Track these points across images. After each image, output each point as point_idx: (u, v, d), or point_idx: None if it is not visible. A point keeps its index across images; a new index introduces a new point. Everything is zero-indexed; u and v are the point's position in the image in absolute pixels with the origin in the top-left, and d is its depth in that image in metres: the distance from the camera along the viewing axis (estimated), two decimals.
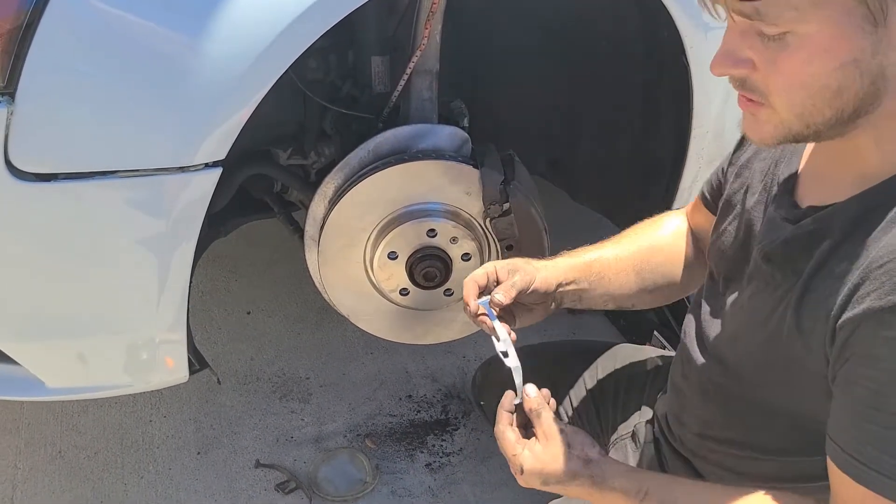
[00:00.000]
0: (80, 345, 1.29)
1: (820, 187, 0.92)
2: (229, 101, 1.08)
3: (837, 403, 0.84)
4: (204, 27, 1.03)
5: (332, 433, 1.96)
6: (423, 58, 1.43)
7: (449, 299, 1.58)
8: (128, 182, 1.10)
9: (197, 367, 1.42)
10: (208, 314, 2.28)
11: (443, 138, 1.46)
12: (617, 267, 1.29)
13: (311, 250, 1.54)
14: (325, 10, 1.08)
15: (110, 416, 1.95)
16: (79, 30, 1.02)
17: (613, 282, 1.29)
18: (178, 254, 1.20)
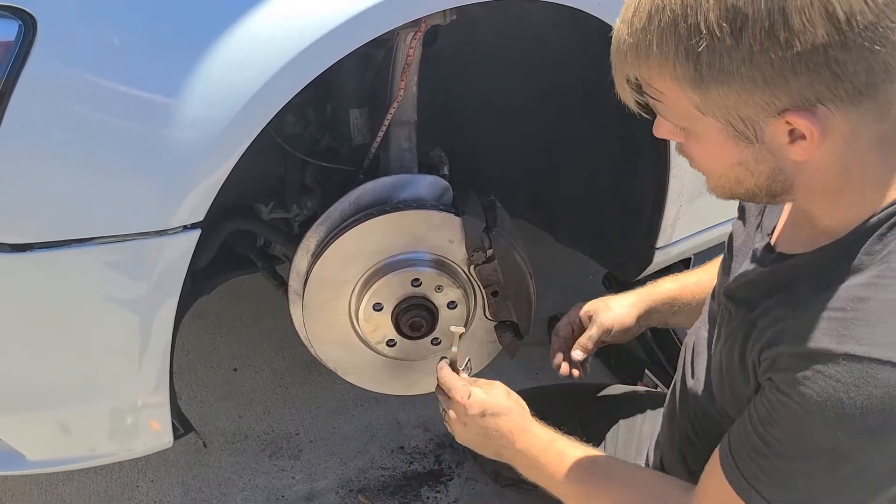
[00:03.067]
0: (60, 415, 1.27)
1: (793, 237, 0.97)
2: (206, 162, 1.07)
3: (746, 414, 0.93)
4: (178, 89, 1.03)
5: (323, 490, 1.92)
6: (400, 109, 1.44)
7: (436, 348, 1.56)
8: (105, 248, 1.08)
9: (182, 432, 1.39)
10: (194, 372, 2.25)
11: (423, 187, 1.46)
12: (696, 291, 1.36)
13: (296, 304, 1.52)
14: (301, 67, 1.09)
15: (95, 484, 1.90)
16: (53, 96, 1.02)
17: (694, 308, 1.33)
18: (159, 317, 1.18)
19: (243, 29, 1.04)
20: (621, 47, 0.84)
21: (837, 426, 0.81)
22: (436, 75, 1.56)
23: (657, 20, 0.78)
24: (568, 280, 2.47)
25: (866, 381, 0.79)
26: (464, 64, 1.71)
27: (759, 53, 0.75)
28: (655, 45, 0.79)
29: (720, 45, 0.75)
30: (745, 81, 0.77)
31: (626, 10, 0.83)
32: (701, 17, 0.75)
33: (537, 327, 2.10)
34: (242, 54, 1.04)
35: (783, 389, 0.85)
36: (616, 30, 0.85)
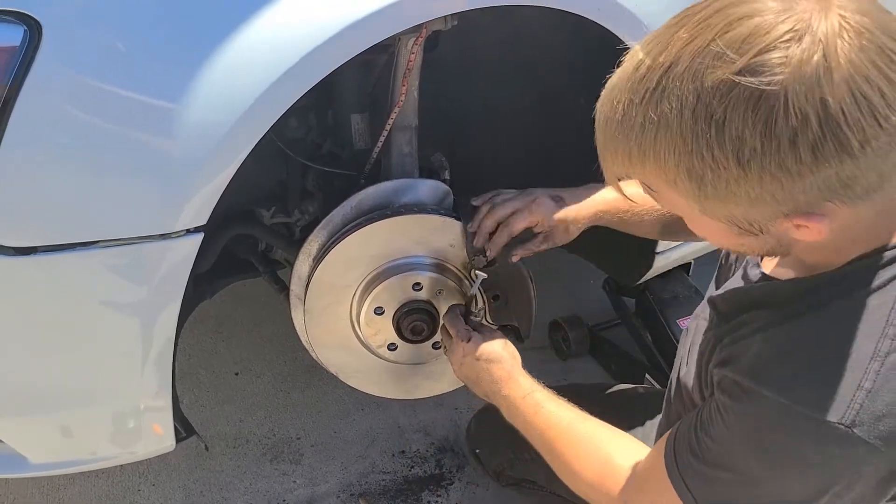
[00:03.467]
0: (63, 418, 1.27)
1: (781, 261, 1.00)
2: (209, 166, 1.08)
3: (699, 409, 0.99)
4: (181, 94, 1.03)
5: (324, 494, 1.92)
6: (401, 114, 1.44)
7: (438, 352, 1.57)
8: (109, 252, 1.09)
9: (184, 435, 1.39)
10: (195, 377, 2.25)
11: (424, 192, 1.47)
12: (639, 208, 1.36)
13: (297, 309, 1.53)
14: (303, 72, 1.09)
15: (97, 487, 1.91)
16: (57, 101, 1.02)
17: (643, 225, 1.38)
18: (162, 320, 1.19)
19: (245, 34, 1.05)
20: (610, 147, 0.81)
21: (754, 456, 0.88)
22: (437, 80, 1.57)
23: (653, 134, 0.75)
24: (569, 284, 2.47)
25: (785, 425, 0.84)
26: (465, 69, 1.72)
27: (768, 181, 0.73)
28: (653, 157, 0.77)
29: (726, 173, 0.74)
30: (753, 200, 0.76)
31: (611, 107, 0.80)
32: (703, 144, 0.73)
33: (538, 331, 2.11)
34: (245, 60, 1.05)
35: (721, 409, 0.92)
36: (602, 122, 0.82)
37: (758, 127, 0.70)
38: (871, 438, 0.80)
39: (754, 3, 0.72)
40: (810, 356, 0.85)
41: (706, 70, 0.71)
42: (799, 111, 0.69)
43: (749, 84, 0.70)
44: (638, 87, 0.76)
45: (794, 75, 0.69)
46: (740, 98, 0.70)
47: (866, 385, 0.81)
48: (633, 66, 0.78)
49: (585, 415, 1.20)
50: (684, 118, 0.73)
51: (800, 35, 0.70)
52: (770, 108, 0.69)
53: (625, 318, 2.24)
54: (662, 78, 0.74)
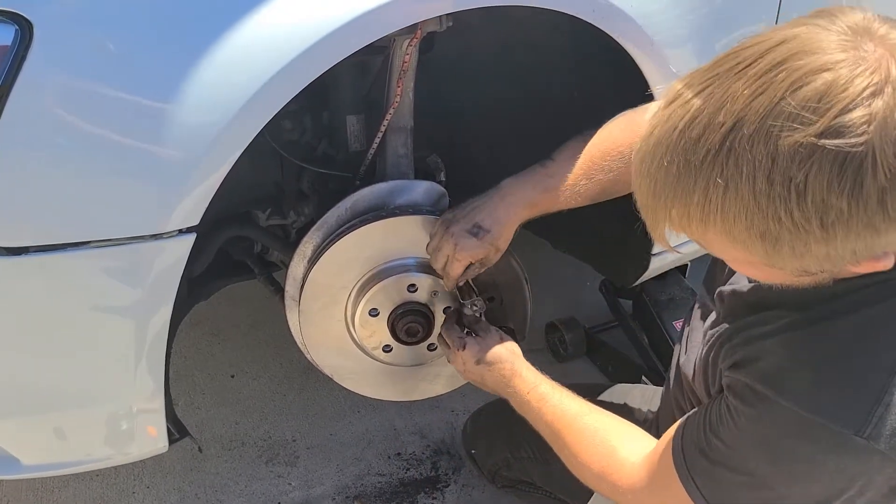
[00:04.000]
0: (55, 419, 1.26)
1: None
2: (201, 166, 1.07)
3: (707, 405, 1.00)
4: (174, 94, 1.03)
5: (320, 496, 1.92)
6: (396, 115, 1.44)
7: (433, 354, 1.56)
8: (100, 252, 1.08)
9: (177, 437, 1.39)
10: (191, 379, 2.25)
11: (420, 193, 1.47)
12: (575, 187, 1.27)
13: (292, 310, 1.52)
14: (297, 72, 1.09)
15: (91, 490, 1.90)
16: (49, 101, 1.02)
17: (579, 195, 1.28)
18: (155, 321, 1.18)
19: (238, 34, 1.04)
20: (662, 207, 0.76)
21: (767, 461, 0.88)
22: (433, 82, 1.56)
23: (719, 198, 0.70)
24: (565, 286, 2.47)
25: (802, 434, 0.84)
26: (460, 70, 1.72)
27: (853, 239, 0.70)
28: (720, 221, 0.72)
29: (806, 235, 0.69)
30: (832, 256, 0.72)
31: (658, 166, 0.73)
32: (781, 208, 0.68)
33: (534, 333, 2.10)
34: (237, 59, 1.05)
35: (732, 412, 0.92)
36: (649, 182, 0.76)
37: (845, 189, 0.66)
38: (887, 449, 0.81)
39: (819, 54, 0.67)
40: (830, 367, 0.84)
41: (781, 132, 0.66)
42: (888, 169, 0.66)
43: (833, 147, 0.65)
44: (695, 147, 0.71)
45: (880, 132, 0.65)
46: (824, 161, 0.66)
47: (885, 399, 0.81)
48: (685, 122, 0.71)
49: (592, 405, 1.20)
50: (758, 183, 0.68)
51: (879, 88, 0.66)
52: (857, 170, 0.66)
53: (621, 320, 2.23)
54: (727, 139, 0.69)
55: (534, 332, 1.59)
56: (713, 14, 1.41)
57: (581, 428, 1.17)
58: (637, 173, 0.78)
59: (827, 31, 0.69)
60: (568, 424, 1.18)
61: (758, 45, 0.71)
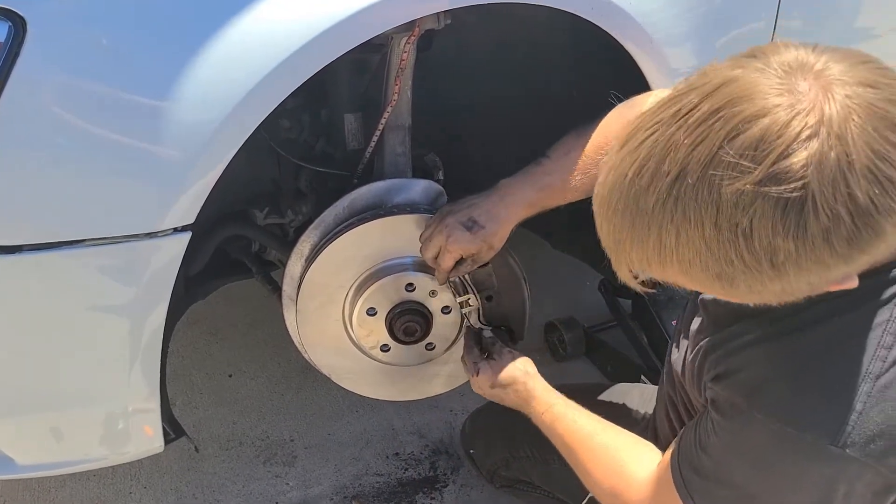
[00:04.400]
0: (50, 419, 1.26)
1: None
2: (197, 164, 1.07)
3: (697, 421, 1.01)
4: (169, 91, 1.02)
5: (318, 496, 1.91)
6: (394, 113, 1.43)
7: (431, 353, 1.56)
8: (95, 250, 1.08)
9: (173, 437, 1.38)
10: (188, 379, 2.24)
11: (417, 192, 1.46)
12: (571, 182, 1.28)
13: (290, 309, 1.52)
14: (293, 69, 1.08)
15: (88, 490, 1.89)
16: (43, 98, 1.01)
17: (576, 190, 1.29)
18: (150, 321, 1.18)
19: (234, 31, 1.03)
20: (623, 252, 0.78)
21: (750, 473, 0.90)
22: (431, 80, 1.56)
23: (672, 243, 0.72)
24: (564, 286, 2.46)
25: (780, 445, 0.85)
26: (458, 68, 1.71)
27: (805, 275, 0.71)
28: (676, 264, 0.74)
29: (759, 275, 0.71)
30: (785, 290, 0.74)
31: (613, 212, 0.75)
32: (732, 252, 0.70)
33: (534, 333, 2.10)
34: (234, 55, 1.04)
35: (715, 426, 0.94)
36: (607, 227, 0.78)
37: (789, 232, 0.67)
38: (863, 457, 0.82)
39: (755, 100, 0.68)
40: (803, 378, 0.86)
41: (722, 181, 0.67)
42: (830, 211, 0.66)
43: (773, 194, 0.66)
44: (646, 195, 0.72)
45: (818, 175, 0.66)
46: (766, 207, 0.67)
47: (858, 407, 0.81)
48: (634, 170, 0.73)
49: (605, 423, 1.22)
50: (706, 229, 0.70)
51: (815, 130, 0.66)
52: (799, 213, 0.67)
53: (620, 320, 2.22)
54: (673, 188, 0.70)
55: (533, 331, 1.58)
56: (712, 13, 1.41)
57: (594, 446, 1.19)
58: (597, 216, 0.81)
59: (762, 73, 0.70)
60: (581, 442, 1.21)
61: (697, 90, 0.71)
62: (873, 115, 0.67)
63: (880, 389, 0.81)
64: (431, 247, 1.35)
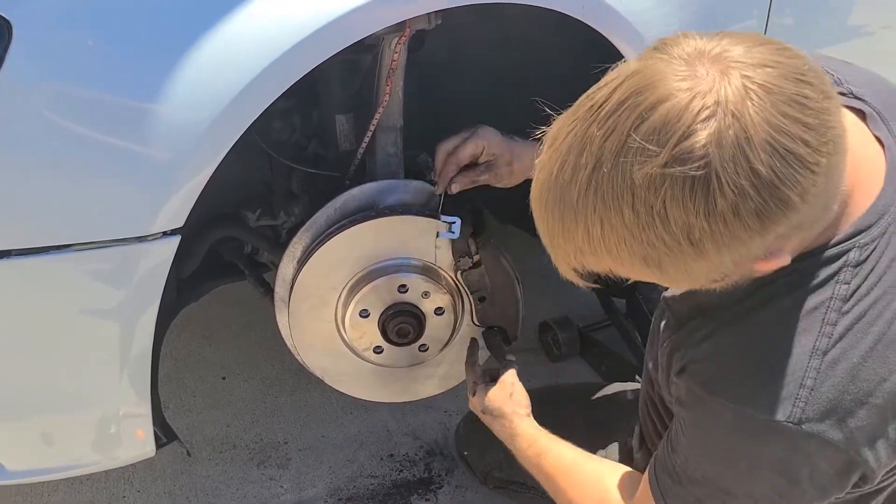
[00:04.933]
0: (40, 424, 1.25)
1: None
2: (186, 166, 1.06)
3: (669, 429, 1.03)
4: (158, 93, 1.02)
5: (312, 499, 1.90)
6: (386, 114, 1.43)
7: (424, 355, 1.55)
8: (84, 255, 1.07)
9: (164, 441, 1.38)
10: (181, 381, 2.23)
11: (410, 193, 1.45)
12: None
13: (282, 312, 1.51)
14: (283, 70, 1.08)
15: (81, 494, 1.88)
16: (29, 101, 1.01)
17: None
18: (141, 324, 1.17)
19: (223, 32, 1.03)
20: (559, 246, 0.81)
21: (718, 463, 0.91)
22: (422, 80, 1.55)
23: (598, 233, 0.75)
24: (558, 285, 2.45)
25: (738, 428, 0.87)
26: (450, 69, 1.71)
27: (725, 251, 0.74)
28: (605, 253, 0.77)
29: (682, 255, 0.74)
30: (714, 267, 0.77)
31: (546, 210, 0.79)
32: (651, 234, 0.73)
33: (527, 333, 2.09)
34: (223, 57, 1.03)
35: (681, 423, 0.96)
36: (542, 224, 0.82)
37: (700, 210, 0.70)
38: (820, 433, 0.83)
39: (658, 88, 0.71)
40: (753, 359, 0.87)
41: (632, 168, 0.71)
42: (735, 186, 0.69)
43: (678, 174, 0.69)
44: (569, 189, 0.75)
45: (718, 153, 0.69)
46: (675, 188, 0.70)
47: (808, 383, 0.83)
48: (557, 167, 0.77)
49: (588, 454, 1.24)
50: (625, 215, 0.73)
51: (711, 112, 0.69)
52: (706, 190, 0.70)
53: (614, 319, 2.22)
54: (591, 179, 0.74)
55: (527, 331, 1.58)
56: (703, 11, 1.40)
57: (576, 474, 1.21)
58: (534, 216, 0.83)
59: (666, 63, 0.73)
60: (565, 474, 1.22)
61: (607, 86, 0.75)
62: (770, 92, 0.70)
63: (829, 365, 0.83)
64: (454, 138, 1.35)
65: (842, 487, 0.88)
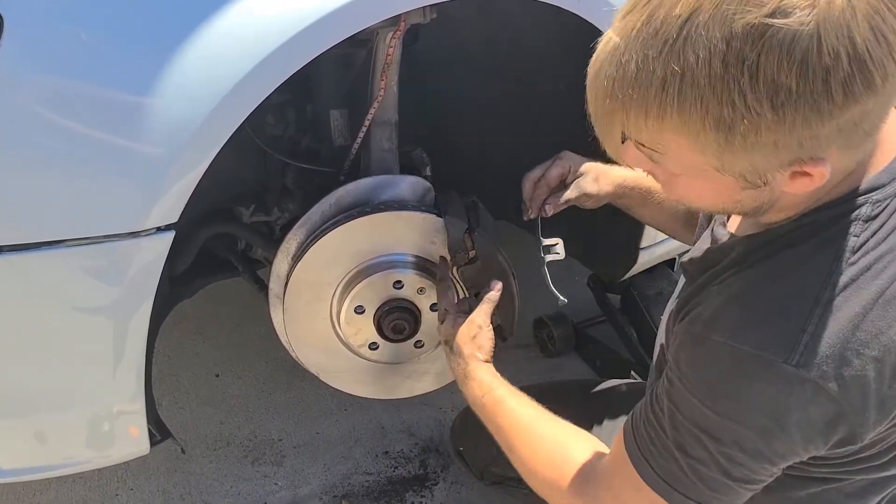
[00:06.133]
0: (34, 422, 1.24)
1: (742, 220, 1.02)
2: (180, 162, 1.05)
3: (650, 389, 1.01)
4: (151, 87, 1.00)
5: (307, 496, 1.90)
6: (381, 109, 1.42)
7: (420, 351, 1.54)
8: (76, 251, 1.06)
9: (159, 438, 1.36)
10: (175, 379, 2.22)
11: (405, 188, 1.44)
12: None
13: (277, 308, 1.50)
14: (277, 64, 1.06)
15: (74, 492, 1.87)
16: (21, 97, 0.99)
17: (662, 209, 1.39)
18: (134, 322, 1.16)
19: (217, 25, 1.02)
20: (618, 109, 0.78)
21: (709, 402, 0.89)
22: (417, 75, 1.54)
23: (676, 87, 0.73)
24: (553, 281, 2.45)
25: (736, 366, 0.86)
26: (445, 63, 1.70)
27: (800, 125, 0.73)
28: (676, 112, 0.75)
29: (758, 118, 0.73)
30: (779, 148, 0.76)
31: (617, 66, 0.76)
32: (735, 91, 0.72)
33: (523, 329, 2.09)
34: (218, 51, 1.02)
35: (675, 367, 0.94)
36: (605, 85, 0.79)
37: (793, 68, 0.70)
38: (817, 378, 0.83)
39: None
40: (758, 302, 0.88)
41: (734, 15, 0.70)
42: (832, 49, 0.70)
43: (782, 25, 0.69)
44: (653, 41, 0.73)
45: (824, 14, 0.69)
46: (774, 40, 0.70)
47: (810, 329, 0.84)
48: (643, 20, 0.74)
49: (548, 413, 1.19)
50: (713, 67, 0.71)
51: None
52: (805, 49, 0.70)
53: (610, 315, 2.22)
54: (684, 27, 0.72)
55: (522, 327, 1.57)
56: None
57: (534, 434, 1.16)
58: (593, 80, 0.81)
59: None
60: (521, 431, 1.17)
61: None
62: None
63: (832, 312, 0.84)
64: (538, 167, 1.38)
65: (825, 441, 0.88)
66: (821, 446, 0.89)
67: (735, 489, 0.93)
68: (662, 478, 0.95)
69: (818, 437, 0.88)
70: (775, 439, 0.88)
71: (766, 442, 0.88)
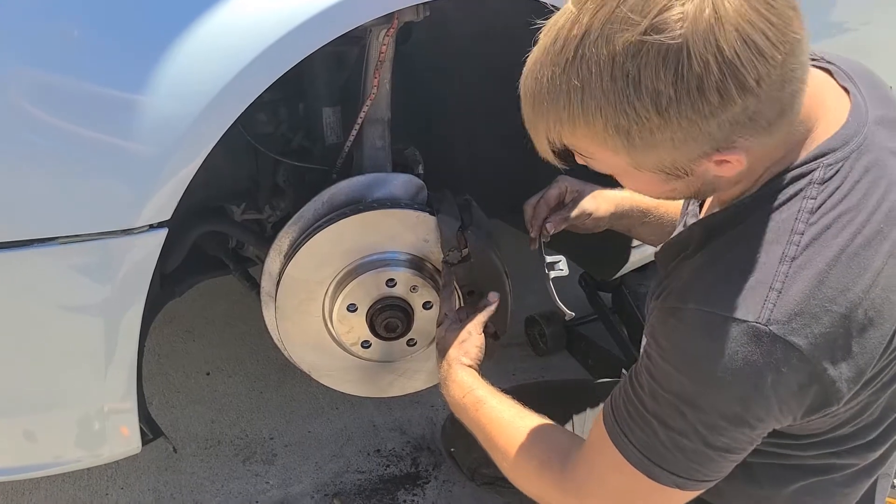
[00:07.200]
0: (24, 421, 1.23)
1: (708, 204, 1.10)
2: (173, 159, 1.04)
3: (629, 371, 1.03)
4: (144, 85, 1.00)
5: (298, 495, 1.89)
6: (373, 107, 1.42)
7: (412, 349, 1.54)
8: (68, 248, 1.05)
9: (150, 437, 1.36)
10: (165, 377, 2.21)
11: (398, 186, 1.44)
12: (669, 209, 1.41)
13: (269, 306, 1.50)
14: (270, 62, 1.06)
15: (63, 492, 1.86)
16: (9, 94, 0.99)
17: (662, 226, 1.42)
18: (126, 320, 1.15)
19: (211, 22, 1.01)
20: (540, 118, 0.87)
21: (686, 371, 0.91)
22: (410, 73, 1.54)
23: (579, 98, 0.82)
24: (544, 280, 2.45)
25: (708, 331, 0.89)
26: (438, 61, 1.70)
27: (686, 124, 0.81)
28: (582, 120, 0.84)
29: (648, 123, 0.81)
30: (676, 143, 0.84)
31: (535, 81, 0.86)
32: (624, 101, 0.80)
33: (514, 327, 2.09)
34: (210, 48, 1.02)
35: (649, 341, 0.97)
36: (528, 96, 0.88)
37: (669, 77, 0.78)
38: (788, 336, 0.86)
39: None
40: (723, 266, 0.92)
41: (616, 34, 0.79)
42: (701, 59, 0.78)
43: (655, 41, 0.78)
44: (558, 58, 0.83)
45: (692, 28, 0.77)
46: (650, 54, 0.78)
47: (777, 286, 0.87)
48: (551, 40, 0.84)
49: (527, 411, 1.20)
50: (604, 80, 0.80)
51: None
52: (676, 59, 0.78)
53: (601, 314, 2.23)
54: (579, 47, 0.81)
55: (513, 325, 1.57)
56: None
57: (515, 431, 1.17)
58: (521, 93, 0.90)
59: None
60: (504, 426, 1.19)
61: None
62: None
63: (797, 269, 0.88)
64: (537, 194, 1.42)
65: (801, 403, 0.90)
66: (796, 410, 0.91)
67: (716, 459, 0.94)
68: (643, 452, 0.96)
69: (793, 400, 0.90)
70: (753, 403, 0.89)
71: (744, 406, 0.90)
